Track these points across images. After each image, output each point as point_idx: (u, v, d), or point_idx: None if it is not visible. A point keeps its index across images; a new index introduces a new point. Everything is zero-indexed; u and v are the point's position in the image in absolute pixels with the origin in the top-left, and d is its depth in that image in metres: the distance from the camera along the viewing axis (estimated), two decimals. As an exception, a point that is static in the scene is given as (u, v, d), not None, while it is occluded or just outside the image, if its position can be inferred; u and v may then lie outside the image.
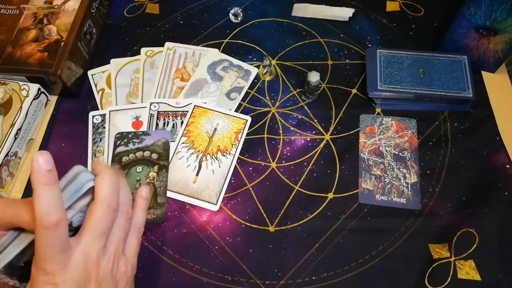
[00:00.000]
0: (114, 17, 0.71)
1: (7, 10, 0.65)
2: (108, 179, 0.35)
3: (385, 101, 0.60)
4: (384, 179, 0.54)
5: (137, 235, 0.39)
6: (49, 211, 0.30)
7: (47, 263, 0.31)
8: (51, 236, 0.30)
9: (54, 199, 0.30)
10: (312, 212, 0.53)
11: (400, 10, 0.70)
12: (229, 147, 0.57)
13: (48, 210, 0.30)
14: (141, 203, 0.41)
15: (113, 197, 0.35)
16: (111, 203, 0.34)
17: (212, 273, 0.49)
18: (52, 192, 0.30)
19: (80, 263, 0.32)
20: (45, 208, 0.30)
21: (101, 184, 0.34)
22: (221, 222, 0.52)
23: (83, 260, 0.33)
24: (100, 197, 0.34)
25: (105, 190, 0.34)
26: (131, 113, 0.60)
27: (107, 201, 0.34)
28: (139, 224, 0.40)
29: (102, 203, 0.34)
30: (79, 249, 0.33)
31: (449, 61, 0.60)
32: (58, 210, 0.30)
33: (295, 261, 0.49)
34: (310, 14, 0.69)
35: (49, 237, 0.30)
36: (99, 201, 0.34)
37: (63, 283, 0.31)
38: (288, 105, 0.61)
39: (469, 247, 0.49)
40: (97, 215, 0.34)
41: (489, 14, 0.55)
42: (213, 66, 0.64)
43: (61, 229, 0.30)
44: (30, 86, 0.59)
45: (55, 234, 0.30)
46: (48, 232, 0.30)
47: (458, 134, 0.58)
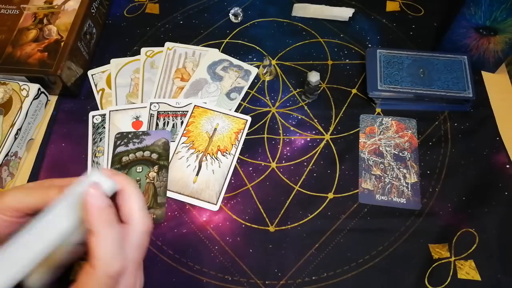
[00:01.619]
0: (114, 17, 0.71)
1: (7, 10, 0.65)
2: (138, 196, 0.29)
3: (385, 101, 0.60)
4: (384, 179, 0.54)
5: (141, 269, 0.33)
6: (115, 256, 0.25)
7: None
8: (110, 285, 0.26)
9: (119, 241, 0.26)
10: (312, 212, 0.53)
11: (400, 10, 0.70)
12: (229, 147, 0.57)
13: (114, 255, 0.25)
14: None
15: (146, 220, 0.29)
16: (149, 227, 0.29)
17: (212, 273, 0.49)
18: (116, 233, 0.26)
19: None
20: (110, 253, 0.25)
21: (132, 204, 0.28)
22: (221, 222, 0.52)
23: None
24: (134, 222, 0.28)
25: (138, 212, 0.29)
26: (131, 113, 0.60)
27: (143, 226, 0.29)
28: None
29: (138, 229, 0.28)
30: None
31: (449, 61, 0.60)
32: (123, 254, 0.26)
33: (295, 261, 0.49)
34: (310, 14, 0.69)
35: (108, 286, 0.25)
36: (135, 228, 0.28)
37: None
38: (288, 105, 0.61)
39: (469, 247, 0.49)
40: (135, 243, 0.28)
41: (489, 14, 0.55)
42: (213, 66, 0.64)
43: (125, 277, 0.26)
44: (30, 86, 0.59)
45: (114, 284, 0.26)
46: (111, 282, 0.25)
47: (458, 134, 0.58)
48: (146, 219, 0.29)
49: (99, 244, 0.25)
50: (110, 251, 0.25)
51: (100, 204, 0.25)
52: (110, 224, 0.25)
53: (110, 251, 0.25)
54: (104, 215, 0.25)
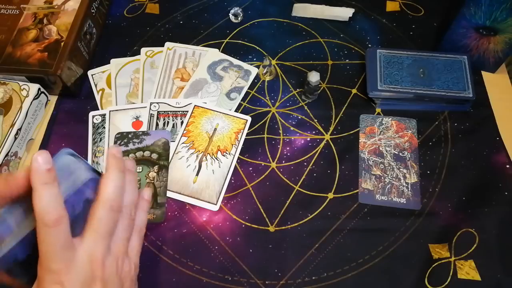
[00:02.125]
0: (114, 17, 0.71)
1: (7, 10, 0.65)
2: (113, 180, 0.35)
3: (385, 101, 0.60)
4: (384, 179, 0.54)
5: (139, 236, 0.39)
6: (50, 209, 0.30)
7: (51, 262, 0.31)
8: (53, 233, 0.30)
9: (54, 197, 0.30)
10: (312, 212, 0.53)
11: (400, 10, 0.70)
12: (229, 147, 0.57)
13: (49, 208, 0.30)
14: (143, 204, 0.41)
15: (116, 198, 0.35)
16: (114, 205, 0.35)
17: (212, 273, 0.49)
18: (52, 191, 0.30)
19: (85, 262, 0.32)
20: (45, 206, 0.30)
21: (105, 184, 0.34)
22: (221, 222, 0.52)
23: (88, 259, 0.33)
24: (103, 197, 0.34)
25: (109, 191, 0.34)
26: (131, 113, 0.60)
27: (110, 202, 0.34)
28: (141, 225, 0.40)
29: (105, 204, 0.34)
30: (83, 248, 0.33)
31: (449, 61, 0.60)
32: (58, 207, 0.31)
33: (295, 261, 0.49)
34: (310, 14, 0.69)
35: (51, 235, 0.30)
36: (102, 202, 0.34)
37: (69, 281, 0.31)
38: (288, 105, 0.61)
39: (469, 247, 0.49)
40: (99, 216, 0.34)
41: (489, 14, 0.55)
42: (213, 66, 0.64)
43: (62, 227, 0.31)
44: (30, 86, 0.59)
45: (56, 231, 0.30)
46: (50, 230, 0.30)
47: (458, 134, 0.58)
48: (111, 196, 0.34)
49: (35, 198, 0.30)
50: (45, 204, 0.30)
51: (39, 167, 0.30)
52: (46, 184, 0.30)
53: (45, 204, 0.30)
54: (42, 176, 0.30)
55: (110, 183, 0.35)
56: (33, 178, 0.30)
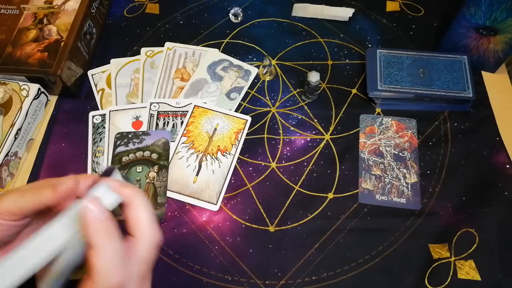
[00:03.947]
0: (114, 17, 0.71)
1: (7, 10, 0.65)
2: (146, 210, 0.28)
3: (385, 101, 0.60)
4: (384, 179, 0.54)
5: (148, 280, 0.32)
6: (114, 268, 0.25)
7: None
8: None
9: (118, 252, 0.26)
10: (312, 212, 0.53)
11: (400, 10, 0.70)
12: (229, 147, 0.57)
13: (113, 267, 0.25)
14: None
15: (156, 232, 0.29)
16: (157, 240, 0.29)
17: (212, 273, 0.49)
18: (116, 245, 0.25)
19: None
20: (110, 266, 0.25)
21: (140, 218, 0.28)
22: (221, 222, 0.52)
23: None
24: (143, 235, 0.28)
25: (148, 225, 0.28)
26: (131, 113, 0.60)
27: (153, 239, 0.29)
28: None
29: (147, 243, 0.28)
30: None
31: (449, 61, 0.60)
32: (123, 266, 0.26)
33: (295, 261, 0.49)
34: (310, 14, 0.69)
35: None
36: (143, 240, 0.28)
37: None
38: (288, 105, 0.61)
39: (469, 247, 0.49)
40: (143, 257, 0.28)
41: (489, 14, 0.55)
42: (213, 66, 0.64)
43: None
44: (30, 86, 0.59)
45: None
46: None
47: (458, 134, 0.58)
48: (153, 232, 0.29)
49: (97, 257, 0.25)
50: (109, 264, 0.25)
51: (98, 217, 0.25)
52: (109, 237, 0.25)
53: (109, 264, 0.25)
54: (103, 228, 0.25)
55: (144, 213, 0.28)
56: (92, 230, 0.25)
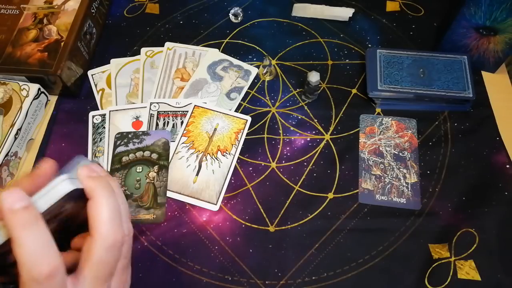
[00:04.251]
0: (114, 17, 0.71)
1: (7, 10, 0.65)
2: (106, 206, 0.27)
3: (385, 101, 0.60)
4: (384, 179, 0.54)
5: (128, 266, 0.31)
6: (39, 260, 0.23)
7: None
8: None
9: (42, 242, 0.24)
10: (312, 212, 0.53)
11: (400, 10, 0.70)
12: (229, 147, 0.57)
13: (38, 259, 0.23)
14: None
15: (116, 231, 0.27)
16: (115, 240, 0.27)
17: (212, 273, 0.49)
18: (37, 234, 0.23)
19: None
20: (33, 257, 0.23)
21: (98, 214, 0.27)
22: (221, 222, 0.52)
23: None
24: (99, 234, 0.26)
25: (105, 224, 0.27)
26: (131, 113, 0.60)
27: (109, 239, 0.27)
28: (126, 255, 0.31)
29: (103, 243, 0.26)
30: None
31: (449, 61, 0.60)
32: (51, 256, 0.24)
33: (295, 261, 0.49)
34: (310, 14, 0.69)
35: None
36: (99, 240, 0.26)
37: None
38: (288, 105, 0.61)
39: (469, 247, 0.49)
40: (98, 259, 0.26)
41: (489, 14, 0.55)
42: (213, 66, 0.64)
43: (57, 279, 0.24)
44: (30, 86, 0.59)
45: (49, 287, 0.24)
46: (41, 286, 0.24)
47: (458, 134, 0.58)
48: (111, 232, 0.27)
49: (18, 249, 0.23)
50: (32, 254, 0.23)
51: (12, 206, 0.23)
52: (27, 226, 0.23)
53: (32, 255, 0.23)
54: (20, 218, 0.23)
55: (104, 211, 0.27)
56: (9, 222, 0.23)
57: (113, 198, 0.27)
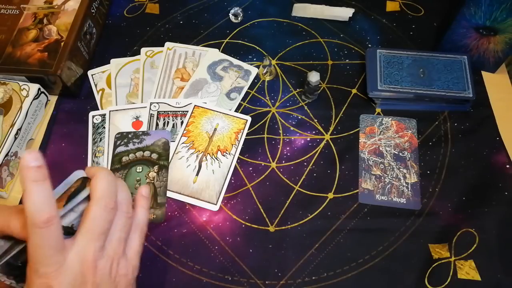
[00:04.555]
0: (114, 17, 0.71)
1: (7, 10, 0.65)
2: (103, 178, 0.34)
3: (385, 101, 0.60)
4: (384, 179, 0.54)
5: (139, 235, 0.38)
6: (40, 208, 0.28)
7: (40, 265, 0.29)
8: (43, 235, 0.29)
9: (45, 196, 0.29)
10: (312, 212, 0.53)
11: (400, 10, 0.70)
12: (229, 147, 0.57)
13: (39, 207, 0.28)
14: (143, 201, 0.40)
15: (110, 195, 0.34)
16: (108, 202, 0.33)
17: (212, 273, 0.49)
18: (42, 189, 0.29)
19: (76, 265, 0.31)
20: (35, 205, 0.28)
21: (96, 183, 0.33)
22: (221, 222, 0.52)
23: (79, 262, 0.31)
24: (96, 196, 0.33)
25: (101, 189, 0.33)
26: (131, 113, 0.60)
27: (103, 200, 0.33)
28: (141, 224, 0.38)
29: (98, 202, 0.33)
30: (75, 250, 0.31)
31: (449, 61, 0.60)
32: (49, 207, 0.29)
33: (295, 261, 0.49)
34: (310, 14, 0.69)
35: (41, 236, 0.29)
36: (95, 200, 0.33)
37: (58, 285, 0.30)
38: (288, 105, 0.61)
39: (469, 247, 0.49)
40: (93, 215, 0.32)
41: (489, 14, 0.55)
42: (213, 66, 0.64)
43: (53, 227, 0.29)
44: (30, 86, 0.59)
45: (47, 232, 0.29)
46: (40, 231, 0.29)
47: (458, 134, 0.58)
48: (105, 195, 0.33)
49: (25, 198, 0.28)
50: (35, 204, 0.28)
51: (28, 164, 0.28)
52: (36, 181, 0.28)
53: (35, 204, 0.28)
54: (31, 174, 0.28)
55: (102, 180, 0.33)
56: (23, 176, 0.28)
57: (111, 176, 0.35)
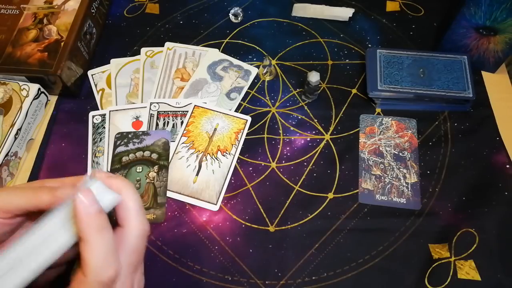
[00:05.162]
0: (114, 17, 0.71)
1: (7, 10, 0.65)
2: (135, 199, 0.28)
3: (385, 101, 0.60)
4: (384, 179, 0.54)
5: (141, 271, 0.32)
6: (107, 263, 0.25)
7: None
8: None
9: (110, 247, 0.25)
10: (312, 212, 0.53)
11: (400, 10, 0.70)
12: (229, 147, 0.57)
13: (106, 262, 0.25)
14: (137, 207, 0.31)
15: (144, 221, 0.28)
16: (145, 230, 0.28)
17: (212, 273, 0.49)
18: (107, 239, 0.25)
19: None
20: (101, 260, 0.24)
21: (129, 208, 0.28)
22: (221, 222, 0.52)
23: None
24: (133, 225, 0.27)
25: (136, 215, 0.28)
26: (131, 113, 0.60)
27: (141, 229, 0.28)
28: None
29: (136, 231, 0.28)
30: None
31: (449, 61, 0.60)
32: (116, 260, 0.25)
33: (295, 261, 0.49)
34: (310, 14, 0.69)
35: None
36: (133, 229, 0.27)
37: None
38: (288, 105, 0.61)
39: (469, 247, 0.49)
40: (132, 246, 0.28)
41: (489, 14, 0.55)
42: (213, 66, 0.64)
43: (117, 283, 0.26)
44: (30, 86, 0.59)
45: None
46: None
47: (458, 134, 0.58)
48: (142, 222, 0.28)
49: (90, 252, 0.24)
50: (102, 258, 0.25)
51: (89, 210, 0.24)
52: (100, 231, 0.25)
53: (102, 259, 0.25)
54: (94, 222, 0.25)
55: (133, 203, 0.28)
56: (83, 224, 0.24)
57: (136, 191, 0.29)
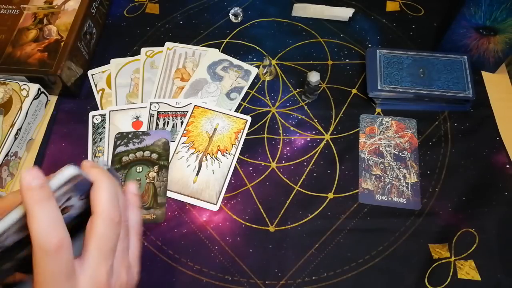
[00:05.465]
0: (114, 17, 0.71)
1: (7, 10, 0.65)
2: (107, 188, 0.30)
3: (385, 101, 0.60)
4: (384, 179, 0.54)
5: (137, 238, 0.35)
6: (49, 231, 0.26)
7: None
8: (53, 261, 0.26)
9: (52, 217, 0.26)
10: (312, 212, 0.53)
11: (400, 10, 0.70)
12: (229, 147, 0.57)
13: (47, 230, 0.26)
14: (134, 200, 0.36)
15: (115, 209, 0.30)
16: (114, 216, 0.30)
17: (212, 273, 0.49)
18: (49, 209, 0.26)
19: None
20: (43, 229, 0.25)
21: (100, 195, 0.30)
22: (221, 222, 0.52)
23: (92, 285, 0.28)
24: (101, 210, 0.29)
25: (106, 202, 0.30)
26: (131, 113, 0.60)
27: (109, 215, 0.30)
28: (136, 226, 0.35)
29: (104, 218, 0.29)
30: (87, 273, 0.28)
31: (449, 61, 0.60)
32: (59, 229, 0.26)
33: (295, 261, 0.49)
34: (310, 14, 0.69)
35: (51, 262, 0.26)
36: (101, 216, 0.29)
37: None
38: (288, 105, 0.61)
39: (469, 247, 0.49)
40: (101, 233, 0.29)
41: (489, 14, 0.55)
42: (213, 66, 0.64)
43: (64, 252, 0.26)
44: (30, 86, 0.59)
45: (57, 259, 0.26)
46: (50, 258, 0.26)
47: (458, 134, 0.58)
48: (109, 210, 0.30)
49: (32, 222, 0.25)
50: (44, 228, 0.26)
51: (31, 184, 0.26)
52: (41, 201, 0.26)
53: (44, 228, 0.26)
54: (37, 194, 0.26)
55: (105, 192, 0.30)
56: (25, 198, 0.26)
57: (111, 183, 0.31)
